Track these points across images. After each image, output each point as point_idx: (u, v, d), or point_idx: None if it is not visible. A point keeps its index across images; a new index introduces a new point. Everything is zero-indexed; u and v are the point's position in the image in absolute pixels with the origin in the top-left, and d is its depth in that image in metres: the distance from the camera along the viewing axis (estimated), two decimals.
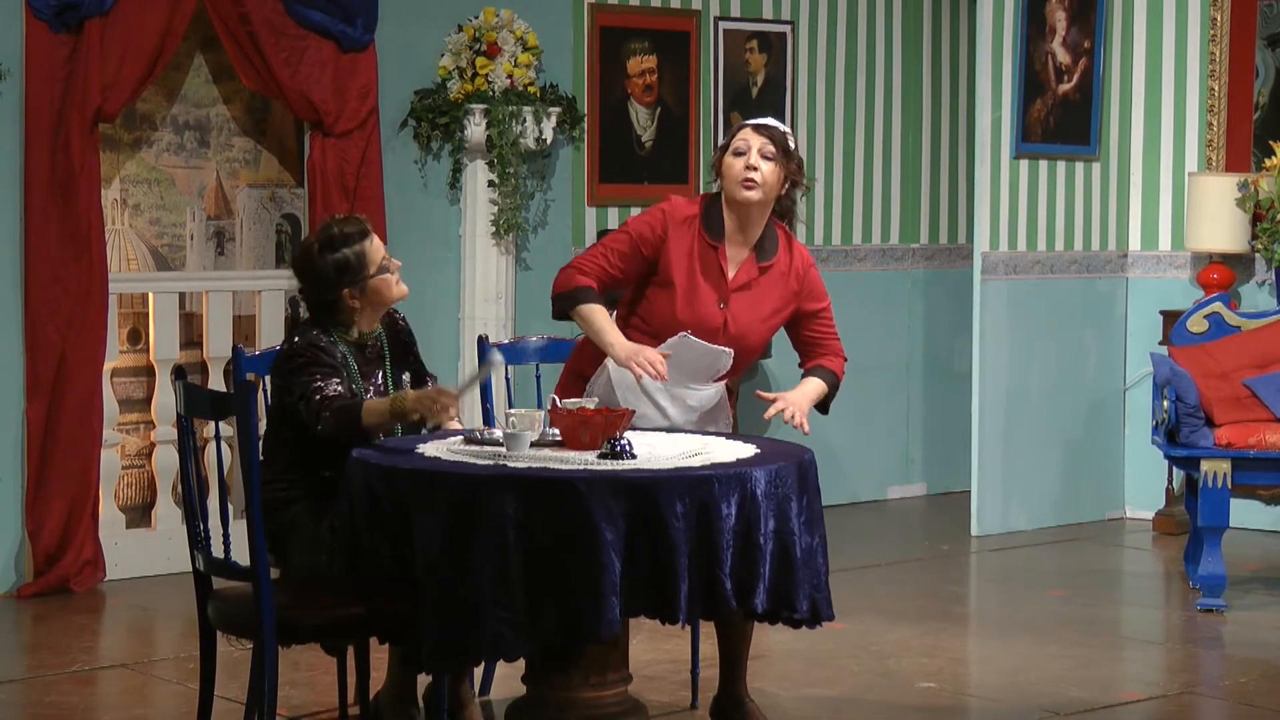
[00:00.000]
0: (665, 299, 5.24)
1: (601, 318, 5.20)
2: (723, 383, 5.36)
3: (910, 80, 9.60)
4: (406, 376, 5.17)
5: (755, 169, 5.17)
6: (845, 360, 5.42)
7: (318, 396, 4.90)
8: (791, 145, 5.24)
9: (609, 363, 5.26)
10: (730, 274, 5.25)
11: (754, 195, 5.18)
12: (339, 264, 5.04)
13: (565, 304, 5.25)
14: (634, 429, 5.01)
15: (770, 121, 5.29)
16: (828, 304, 5.43)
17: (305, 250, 5.11)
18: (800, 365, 5.43)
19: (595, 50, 8.57)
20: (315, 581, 4.88)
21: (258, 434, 4.62)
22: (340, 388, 4.93)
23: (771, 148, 5.18)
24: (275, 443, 5.08)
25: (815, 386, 5.33)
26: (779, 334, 5.48)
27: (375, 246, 5.10)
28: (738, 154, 5.21)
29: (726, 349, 5.24)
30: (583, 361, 5.42)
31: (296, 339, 5.02)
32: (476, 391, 5.60)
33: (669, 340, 5.20)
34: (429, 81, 7.97)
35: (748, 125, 5.28)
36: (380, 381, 5.12)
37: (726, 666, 5.27)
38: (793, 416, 5.18)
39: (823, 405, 5.40)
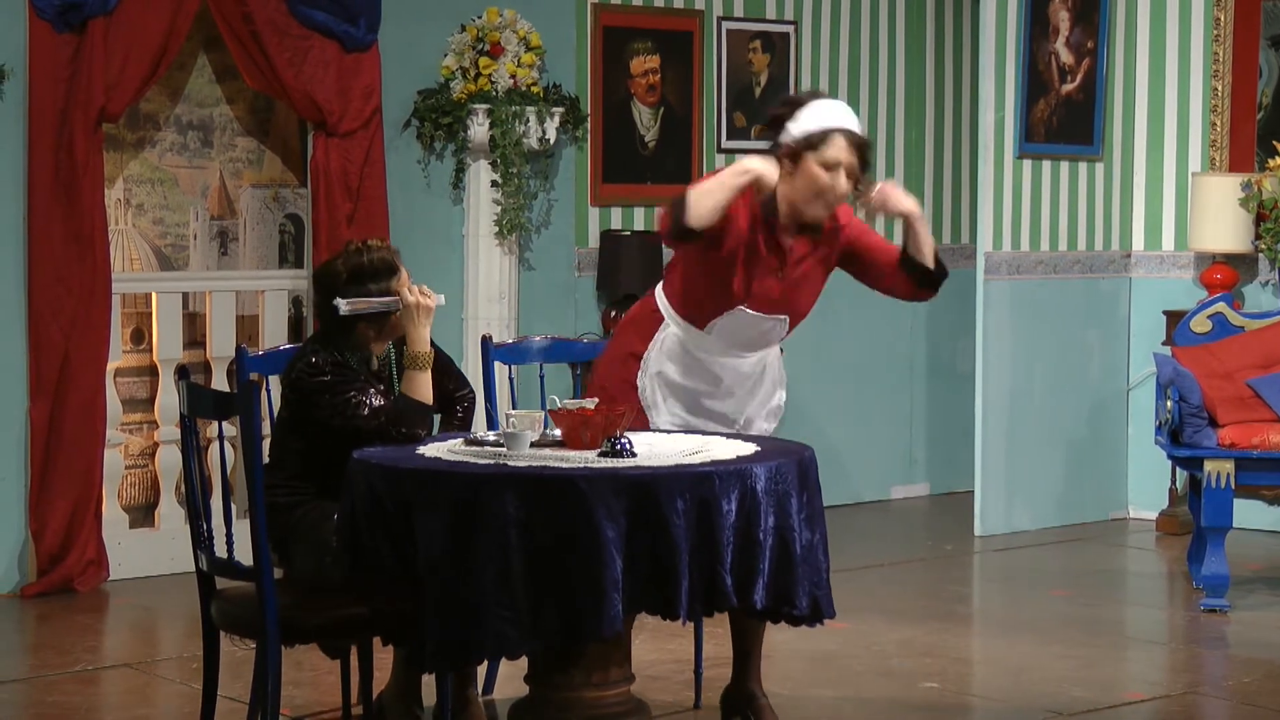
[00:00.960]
0: (724, 269, 5.11)
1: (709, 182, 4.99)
2: (776, 346, 5.35)
3: (913, 80, 9.60)
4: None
5: (841, 193, 5.04)
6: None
7: (365, 411, 4.89)
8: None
9: (666, 331, 5.22)
10: (788, 246, 5.14)
11: (826, 217, 5.10)
12: (361, 296, 5.01)
13: (679, 212, 4.97)
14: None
15: (860, 130, 5.04)
16: (872, 237, 5.30)
17: (331, 276, 5.03)
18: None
19: (598, 50, 8.57)
20: (318, 582, 4.88)
21: (261, 434, 4.62)
22: (381, 398, 4.92)
23: (858, 169, 5.03)
24: (283, 451, 5.06)
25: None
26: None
27: (401, 283, 5.05)
28: (827, 166, 5.00)
29: (781, 317, 5.22)
30: (632, 340, 5.31)
31: (314, 359, 4.98)
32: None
33: (722, 317, 5.15)
34: (432, 81, 7.97)
35: (842, 132, 5.00)
36: (388, 391, 5.11)
37: (739, 660, 5.28)
38: (885, 199, 5.04)
39: (927, 272, 5.21)
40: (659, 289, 5.36)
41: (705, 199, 4.96)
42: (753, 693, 5.27)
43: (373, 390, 4.95)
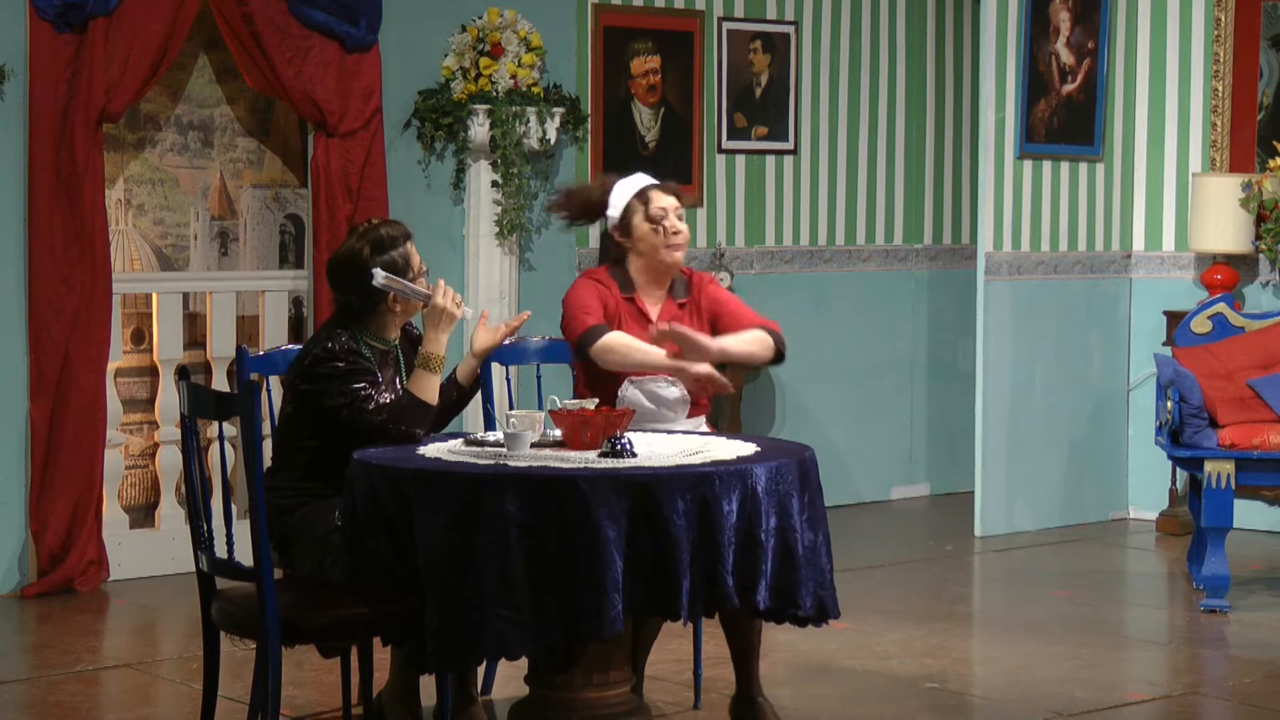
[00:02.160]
0: None
1: (629, 339, 5.29)
2: (701, 418, 5.47)
3: (914, 80, 9.60)
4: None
5: (679, 231, 5.41)
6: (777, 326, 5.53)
7: (371, 405, 4.89)
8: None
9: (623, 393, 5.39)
10: (654, 317, 5.42)
11: (682, 255, 5.44)
12: (388, 266, 5.03)
13: (587, 341, 5.30)
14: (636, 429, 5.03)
15: (645, 178, 5.48)
16: (736, 299, 5.58)
17: (353, 254, 5.05)
18: None
19: (599, 50, 8.57)
20: (319, 582, 4.88)
21: (261, 434, 4.62)
22: (389, 395, 4.93)
23: (681, 209, 5.42)
24: (292, 450, 5.05)
25: (749, 335, 5.43)
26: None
27: (414, 250, 5.11)
28: (654, 219, 5.39)
29: (670, 379, 5.36)
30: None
31: (330, 344, 4.98)
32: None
33: (621, 391, 5.31)
34: (433, 82, 7.97)
35: (653, 188, 5.44)
36: (397, 384, 5.12)
37: (738, 667, 5.28)
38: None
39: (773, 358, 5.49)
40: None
41: (616, 357, 5.26)
42: (753, 697, 5.28)
43: (383, 385, 4.96)
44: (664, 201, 5.43)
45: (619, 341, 5.29)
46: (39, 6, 6.99)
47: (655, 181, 5.51)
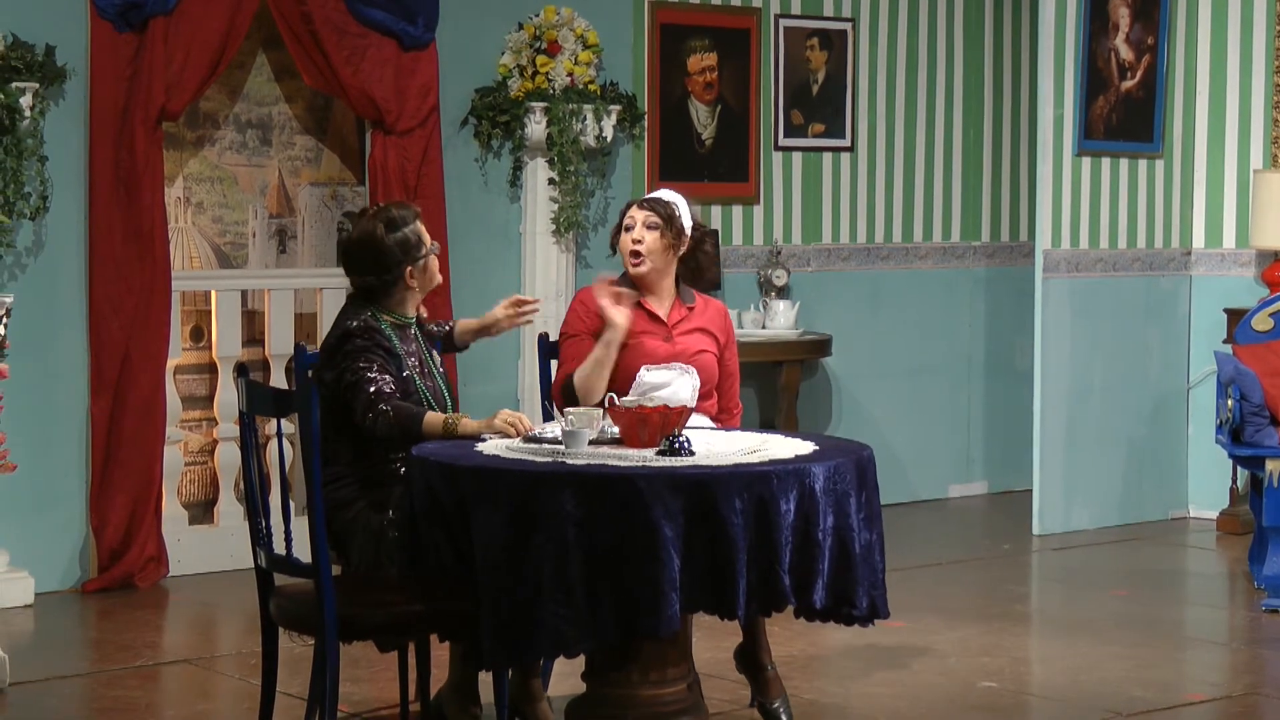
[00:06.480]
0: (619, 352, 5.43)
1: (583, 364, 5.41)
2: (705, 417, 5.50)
3: (972, 77, 9.56)
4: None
5: (640, 241, 5.47)
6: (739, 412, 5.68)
7: (371, 390, 4.92)
8: (677, 214, 5.49)
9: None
10: (664, 314, 5.51)
11: (642, 268, 5.48)
12: (402, 242, 5.12)
13: (569, 396, 5.41)
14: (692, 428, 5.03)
15: (658, 195, 5.57)
16: (736, 356, 5.67)
17: (368, 232, 5.16)
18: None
19: (655, 48, 8.57)
20: (376, 578, 4.90)
21: (319, 431, 4.64)
22: (394, 385, 4.96)
23: (655, 219, 5.47)
24: (332, 434, 5.08)
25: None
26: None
27: (424, 228, 5.23)
28: (626, 230, 5.50)
29: (687, 365, 5.44)
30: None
31: (351, 322, 5.05)
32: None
33: (637, 380, 5.36)
34: (490, 79, 7.99)
35: (634, 203, 5.55)
36: (419, 359, 5.15)
37: (746, 633, 5.38)
38: None
39: None
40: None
41: (594, 380, 5.34)
42: (762, 663, 5.37)
43: (389, 375, 4.99)
44: (635, 214, 5.51)
45: (585, 370, 5.34)
46: (99, 6, 7.04)
47: (648, 196, 5.60)
